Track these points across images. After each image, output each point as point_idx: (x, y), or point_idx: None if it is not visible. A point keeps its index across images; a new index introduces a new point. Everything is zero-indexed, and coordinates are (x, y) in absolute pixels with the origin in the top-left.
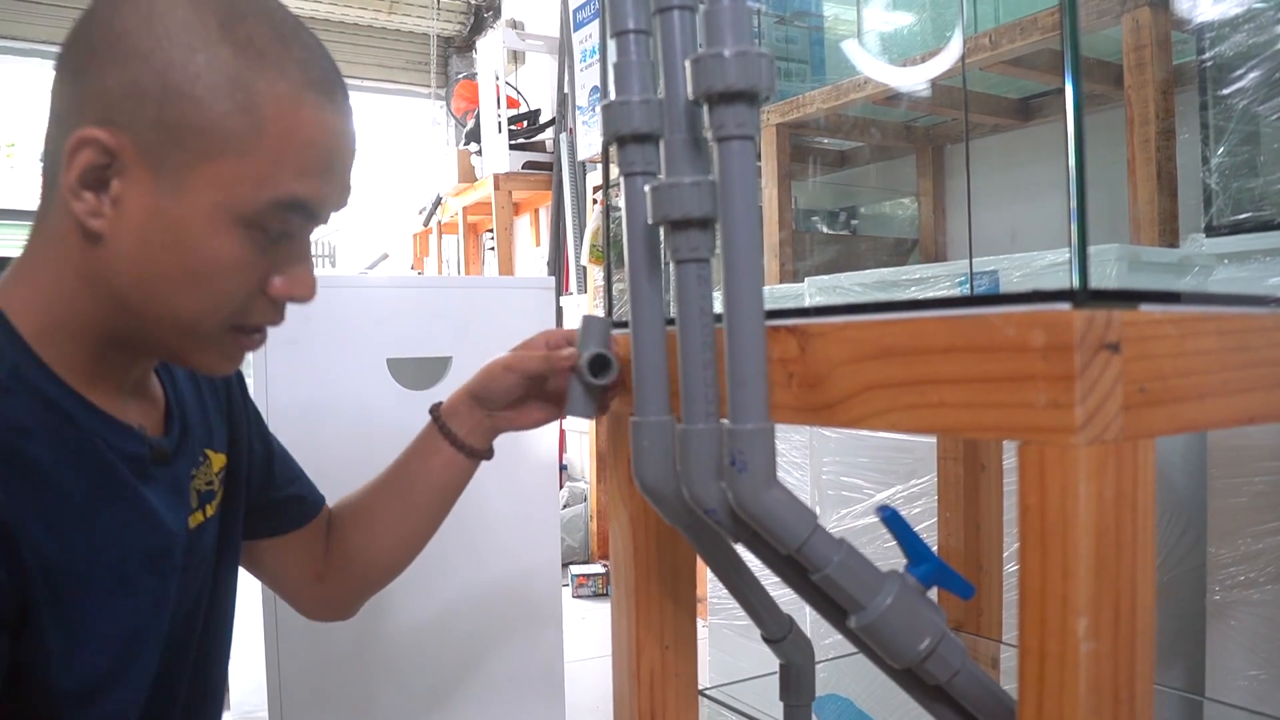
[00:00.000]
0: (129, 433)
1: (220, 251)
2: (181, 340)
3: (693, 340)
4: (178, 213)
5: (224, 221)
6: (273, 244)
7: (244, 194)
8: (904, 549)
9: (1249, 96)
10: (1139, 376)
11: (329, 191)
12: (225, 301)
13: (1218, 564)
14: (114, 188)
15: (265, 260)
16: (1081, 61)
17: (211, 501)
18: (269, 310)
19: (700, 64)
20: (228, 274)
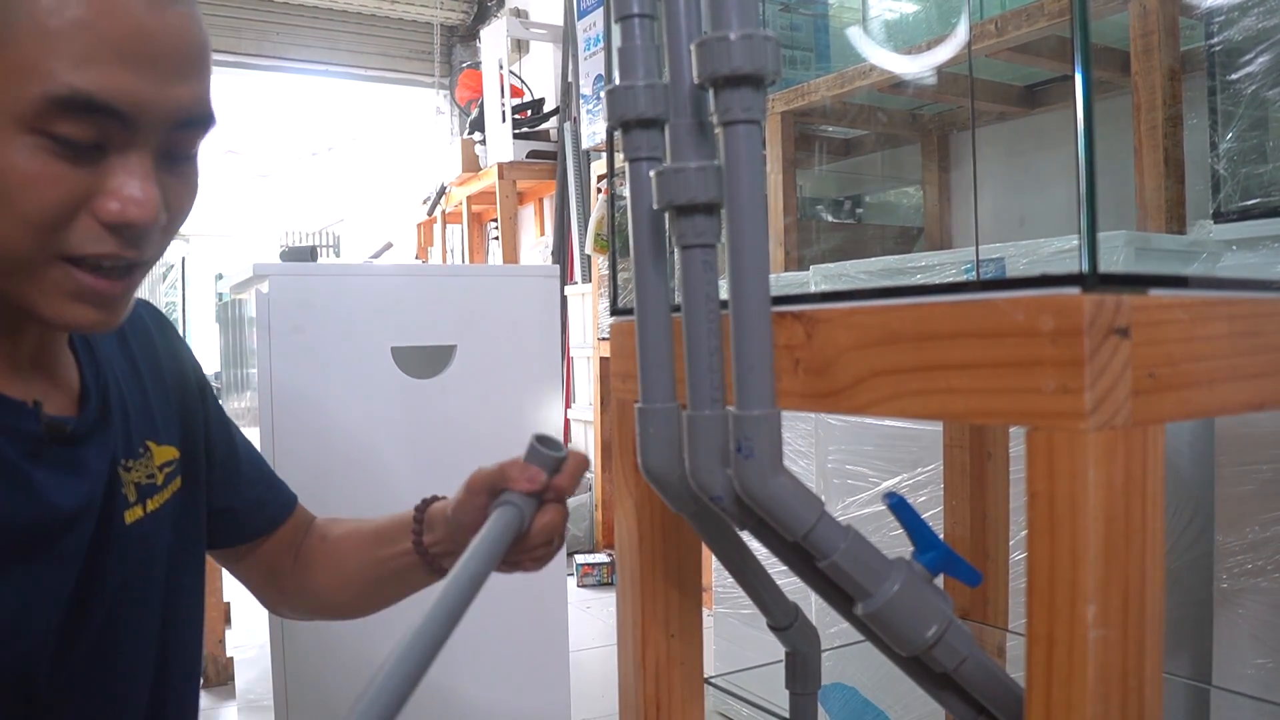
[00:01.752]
0: (19, 409)
1: (10, 164)
2: (11, 280)
3: (698, 326)
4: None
5: (4, 129)
6: (86, 156)
7: (13, 93)
8: (910, 536)
9: (1258, 81)
10: (1148, 362)
11: (137, 87)
12: (32, 224)
13: (1225, 552)
14: None
15: (80, 175)
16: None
17: (154, 496)
18: (101, 237)
19: (705, 47)
20: (25, 188)
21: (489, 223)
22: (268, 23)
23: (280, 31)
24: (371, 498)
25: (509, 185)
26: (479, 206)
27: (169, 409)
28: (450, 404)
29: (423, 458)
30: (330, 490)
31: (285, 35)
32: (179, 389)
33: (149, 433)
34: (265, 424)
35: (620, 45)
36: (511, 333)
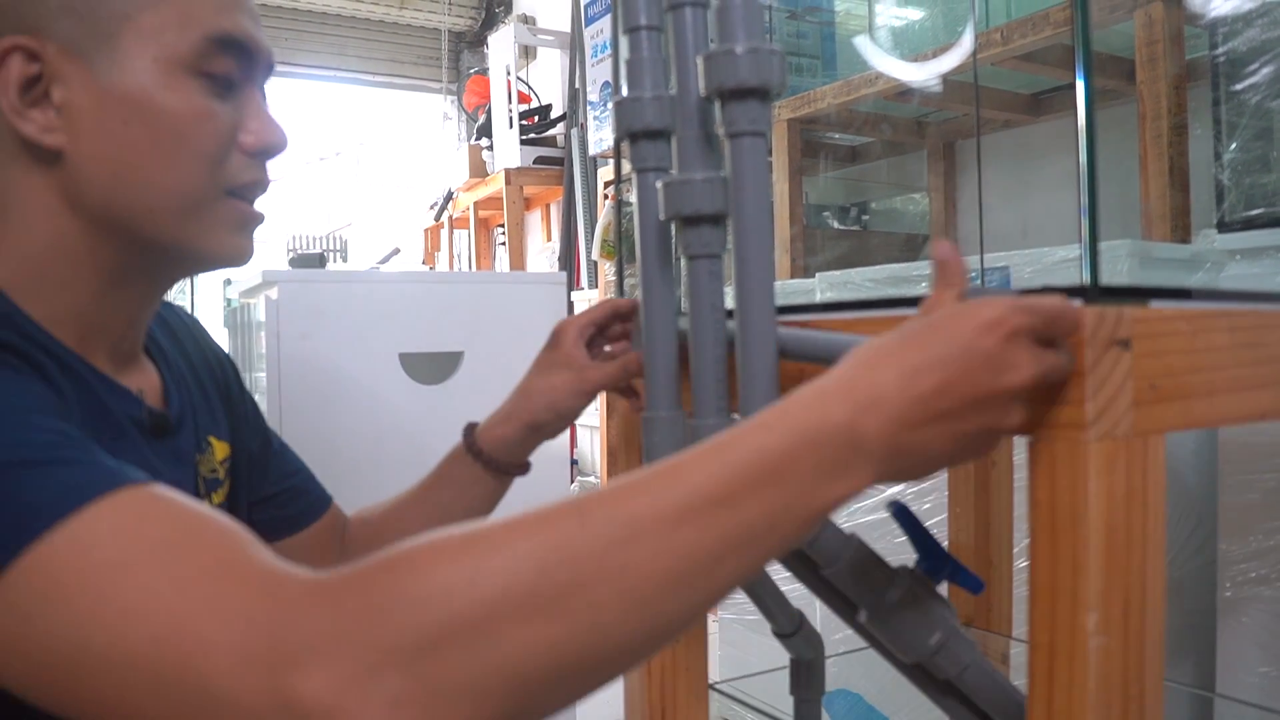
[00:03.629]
0: (129, 396)
1: (182, 105)
2: (182, 224)
3: (704, 336)
4: (125, 85)
5: (172, 74)
6: (229, 93)
7: (175, 39)
8: (914, 544)
9: (1262, 92)
10: (1150, 373)
11: (248, 25)
12: (206, 159)
13: (1229, 560)
14: (56, 95)
15: (228, 110)
16: (1093, 56)
17: (217, 490)
18: (250, 166)
19: (712, 60)
20: (198, 127)
21: (496, 228)
22: (276, 28)
23: (288, 37)
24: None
25: (516, 191)
26: (486, 212)
27: (220, 404)
28: (457, 410)
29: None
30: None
31: (294, 41)
32: (224, 386)
33: (210, 428)
34: (273, 429)
35: (628, 57)
36: (518, 339)
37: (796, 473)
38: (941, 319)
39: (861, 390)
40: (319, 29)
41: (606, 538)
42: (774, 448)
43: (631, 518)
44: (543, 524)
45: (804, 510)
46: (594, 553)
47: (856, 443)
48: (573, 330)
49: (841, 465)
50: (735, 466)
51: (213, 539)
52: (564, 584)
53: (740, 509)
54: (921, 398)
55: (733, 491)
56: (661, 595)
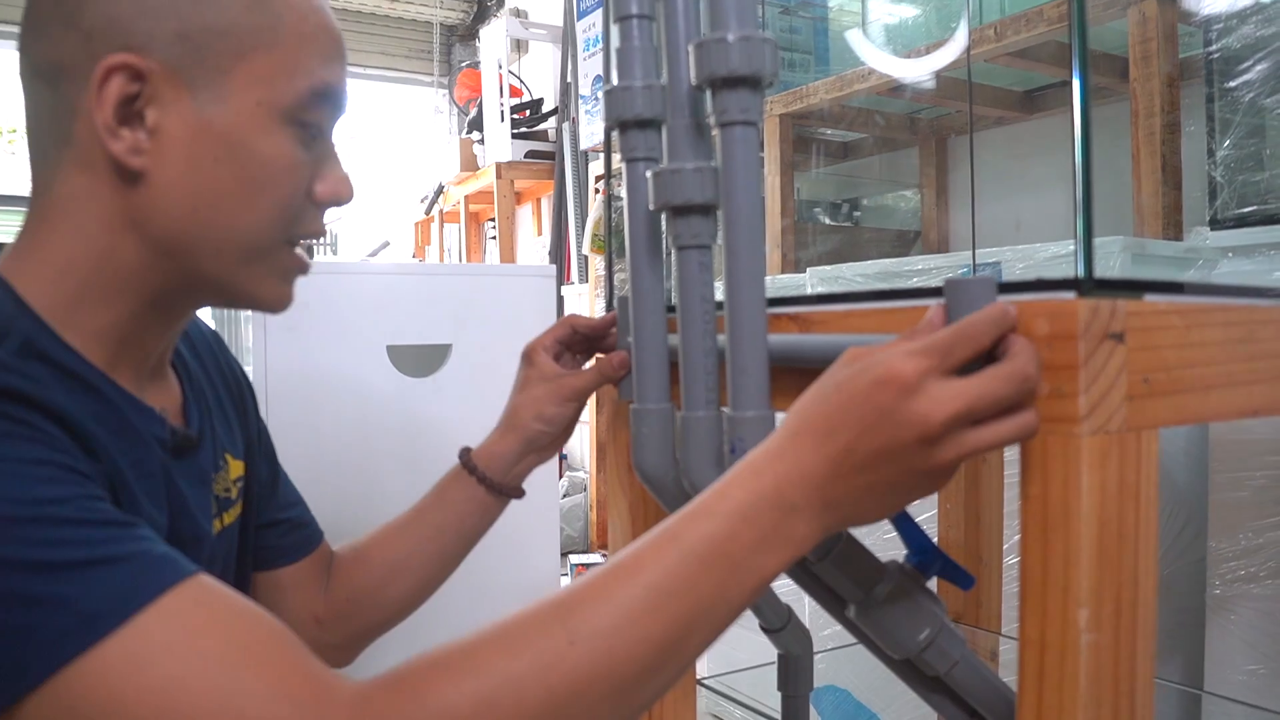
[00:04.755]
0: (154, 416)
1: (275, 152)
2: (243, 265)
3: (694, 327)
4: (225, 122)
5: (272, 120)
6: (312, 142)
7: (284, 87)
8: (904, 539)
9: (1255, 89)
10: (1143, 367)
11: (343, 78)
12: (284, 209)
13: (1218, 558)
14: (150, 117)
15: (308, 161)
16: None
17: (230, 509)
18: (315, 218)
19: (704, 48)
20: (284, 176)
21: (486, 222)
22: None
23: None
24: (366, 496)
25: (507, 185)
26: (477, 206)
27: (236, 423)
28: (445, 403)
29: (417, 456)
30: (324, 488)
31: None
32: (239, 403)
33: (228, 445)
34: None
35: (618, 46)
36: (507, 332)
37: (740, 549)
38: (847, 378)
39: (787, 459)
40: None
41: (593, 650)
42: (718, 532)
43: (610, 626)
44: (537, 644)
45: (753, 579)
46: (585, 665)
47: (788, 509)
48: (540, 349)
49: (779, 533)
50: (687, 556)
51: (264, 651)
52: (565, 697)
53: (696, 592)
54: (834, 458)
55: (688, 579)
56: (641, 681)
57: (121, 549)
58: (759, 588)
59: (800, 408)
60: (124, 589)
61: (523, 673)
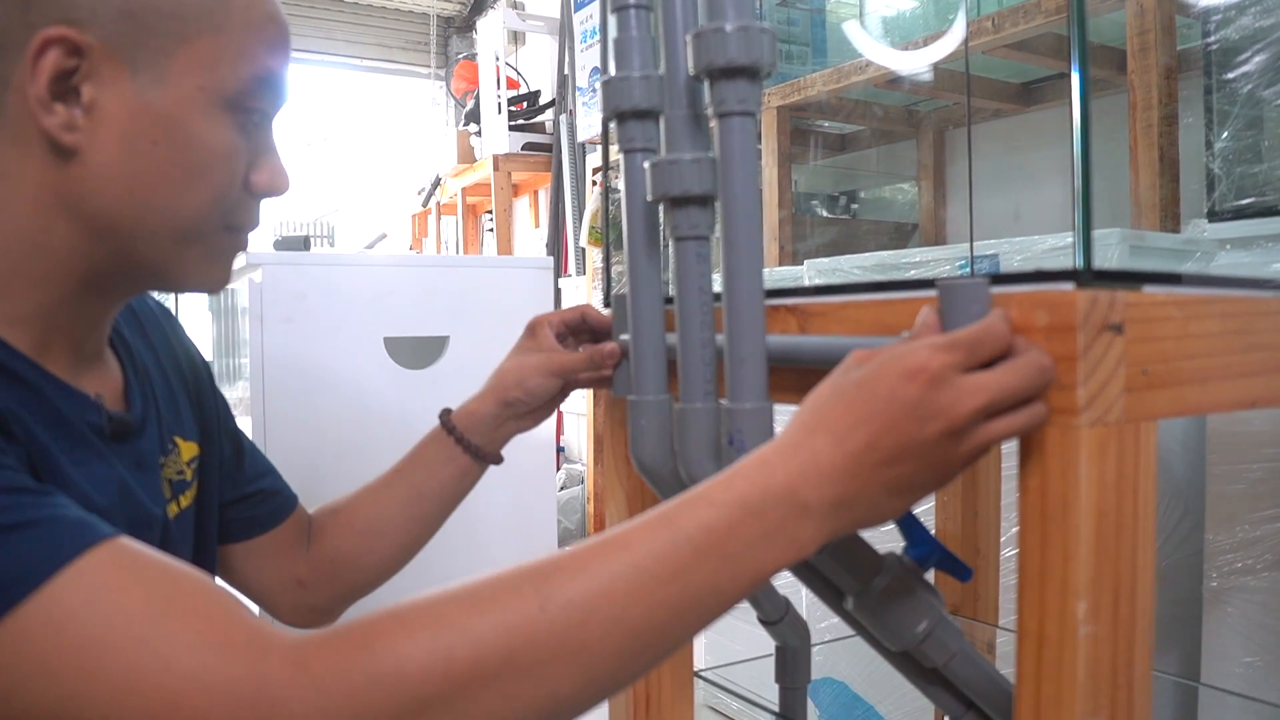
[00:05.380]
0: (87, 402)
1: (214, 138)
2: (178, 250)
3: (691, 318)
4: (164, 105)
5: (212, 105)
6: (252, 130)
7: (227, 72)
8: (902, 531)
9: (1254, 81)
10: (1142, 358)
11: (287, 68)
12: (221, 195)
13: (1215, 550)
14: (86, 94)
15: (245, 149)
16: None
17: (185, 492)
18: (251, 208)
19: (702, 39)
20: (222, 162)
21: (484, 214)
22: None
23: None
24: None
25: (504, 177)
26: (474, 198)
27: (189, 404)
28: (442, 395)
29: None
30: (321, 480)
31: None
32: (194, 383)
33: (176, 428)
34: (257, 414)
35: (616, 36)
36: (504, 324)
37: (740, 543)
38: (868, 375)
39: (802, 455)
40: (307, 12)
41: (565, 621)
42: (718, 522)
43: (586, 599)
44: (506, 604)
45: (748, 575)
46: (553, 635)
47: (799, 506)
48: (545, 323)
49: (784, 530)
50: (680, 543)
51: (191, 603)
52: (526, 665)
53: (685, 582)
54: (854, 454)
55: (678, 567)
56: (614, 667)
57: (34, 514)
58: (753, 585)
59: (815, 405)
60: (38, 553)
61: (484, 631)
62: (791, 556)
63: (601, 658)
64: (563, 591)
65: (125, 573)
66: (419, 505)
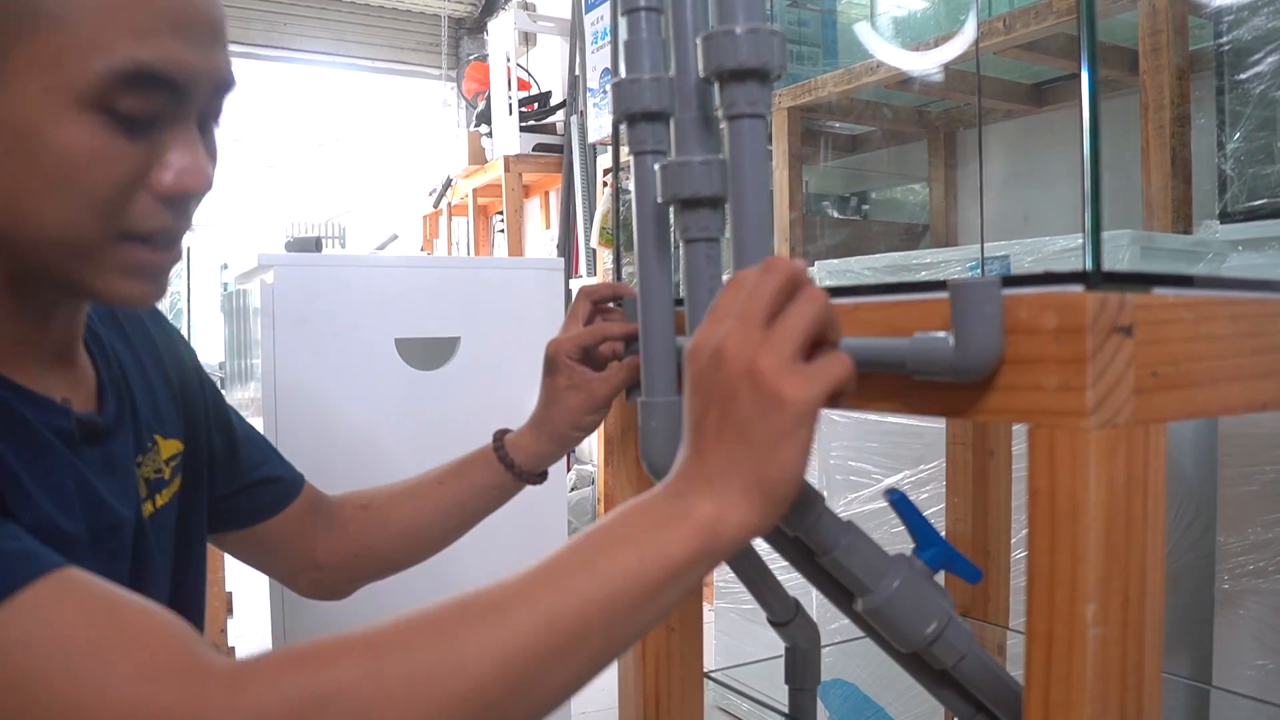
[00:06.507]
0: (51, 407)
1: (69, 144)
2: (69, 261)
3: (701, 320)
4: (8, 110)
5: (63, 108)
6: (142, 131)
7: (74, 69)
8: (912, 532)
9: (1266, 81)
10: (1151, 360)
11: (187, 58)
12: (96, 204)
13: (1227, 552)
14: None
15: (138, 150)
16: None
17: (163, 490)
18: (158, 211)
19: (712, 41)
20: (87, 169)
21: (494, 215)
22: (276, 13)
23: (288, 22)
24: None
25: (515, 178)
26: (485, 199)
27: (172, 401)
28: (453, 396)
29: (426, 449)
30: (333, 481)
31: (293, 26)
32: (179, 380)
33: (155, 426)
34: (269, 414)
35: (626, 39)
36: (515, 325)
37: (637, 529)
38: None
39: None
40: (319, 14)
41: (483, 623)
42: (610, 519)
43: (502, 599)
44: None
45: (659, 561)
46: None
47: (677, 491)
48: (564, 354)
49: (673, 514)
50: (581, 542)
51: (132, 636)
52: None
53: (596, 573)
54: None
55: (585, 559)
56: (539, 668)
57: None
58: (668, 575)
59: None
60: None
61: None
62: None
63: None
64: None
65: (66, 606)
66: (458, 516)
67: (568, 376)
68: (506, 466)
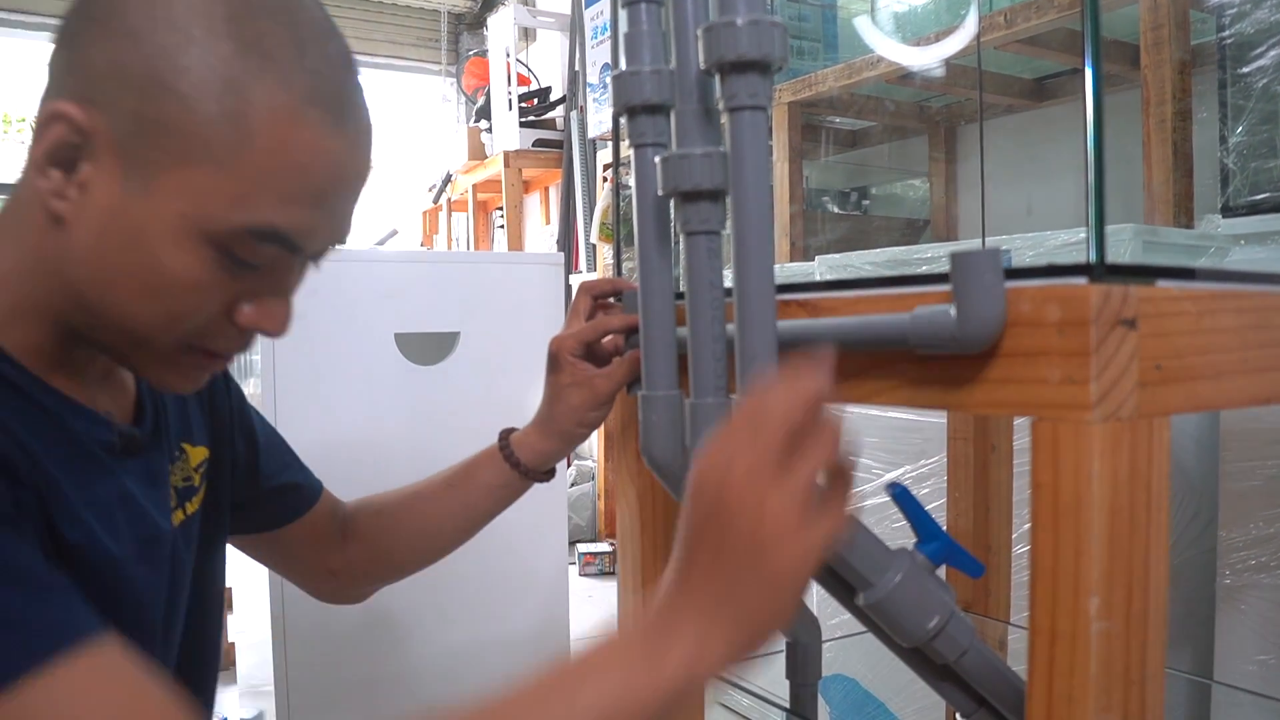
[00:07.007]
0: (97, 420)
1: (178, 267)
2: (133, 351)
3: (702, 313)
4: (140, 215)
5: (187, 236)
6: (246, 270)
7: (214, 212)
8: (913, 526)
9: (1269, 75)
10: (1155, 353)
11: (318, 224)
12: (180, 320)
13: (1229, 547)
14: (83, 171)
15: (234, 285)
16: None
17: (192, 499)
18: (234, 337)
19: (712, 32)
20: (184, 293)
21: (494, 211)
22: None
23: None
24: (374, 484)
25: (515, 174)
26: (485, 195)
27: (200, 407)
28: (453, 391)
29: (425, 444)
30: (332, 476)
31: None
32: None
33: (184, 434)
34: (268, 410)
35: (626, 31)
36: (515, 319)
37: (628, 657)
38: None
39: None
40: None
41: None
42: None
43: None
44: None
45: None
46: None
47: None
48: (566, 351)
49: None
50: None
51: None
52: None
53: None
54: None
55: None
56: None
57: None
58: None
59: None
60: (9, 655)
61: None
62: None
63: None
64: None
65: (94, 687)
66: (469, 517)
67: (570, 373)
68: (513, 466)
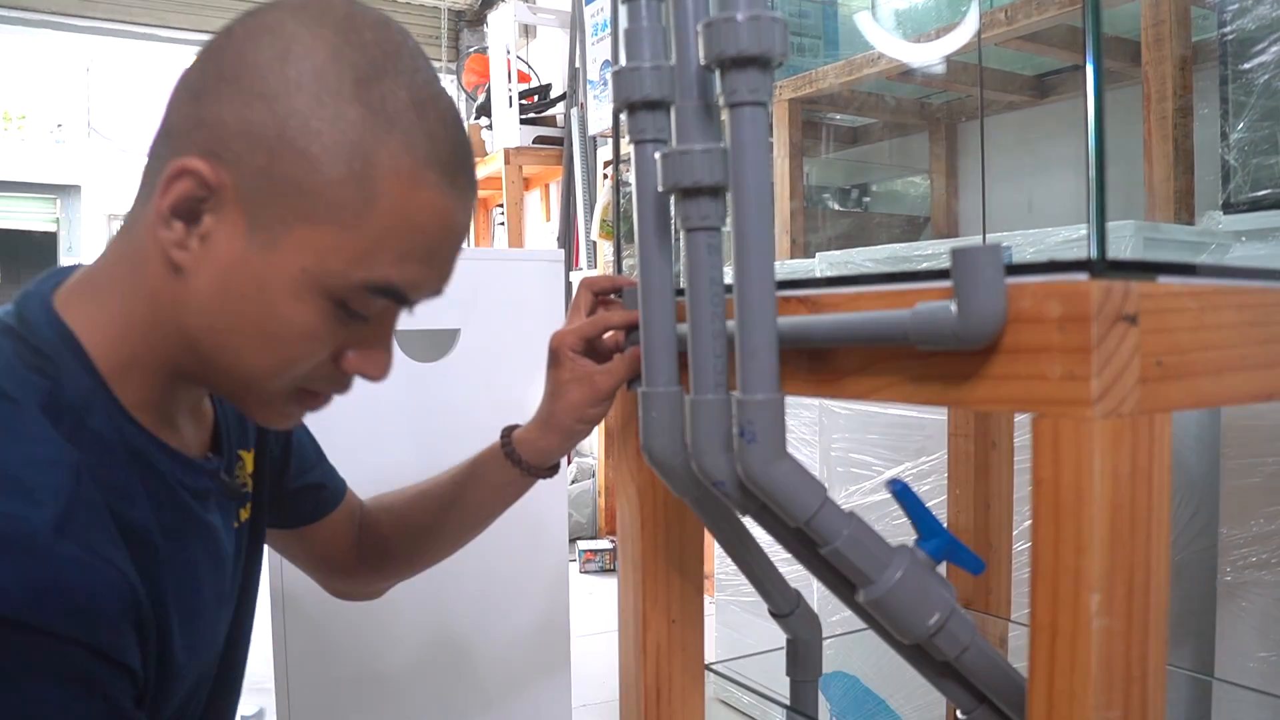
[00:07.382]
0: (199, 470)
1: (297, 318)
2: (243, 394)
3: (702, 310)
4: (262, 268)
5: (308, 290)
6: (356, 320)
7: (335, 268)
8: (914, 523)
9: (1270, 71)
10: (1156, 349)
11: (426, 279)
12: (292, 366)
13: (1230, 545)
14: (205, 223)
15: (343, 332)
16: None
17: (246, 504)
18: (337, 380)
19: (712, 28)
20: (298, 341)
21: (495, 208)
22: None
23: None
24: (376, 482)
25: (515, 171)
26: (485, 192)
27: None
28: (453, 387)
29: (426, 441)
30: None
31: None
32: None
33: (241, 442)
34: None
35: (626, 27)
36: (515, 316)
37: None
38: None
39: None
40: None
41: None
42: None
43: None
44: None
45: None
46: None
47: None
48: (566, 347)
49: None
50: None
51: None
52: None
53: None
54: None
55: None
56: None
57: None
58: None
59: None
60: None
61: None
62: None
63: None
64: None
65: None
66: (474, 515)
67: (570, 369)
68: (515, 463)
